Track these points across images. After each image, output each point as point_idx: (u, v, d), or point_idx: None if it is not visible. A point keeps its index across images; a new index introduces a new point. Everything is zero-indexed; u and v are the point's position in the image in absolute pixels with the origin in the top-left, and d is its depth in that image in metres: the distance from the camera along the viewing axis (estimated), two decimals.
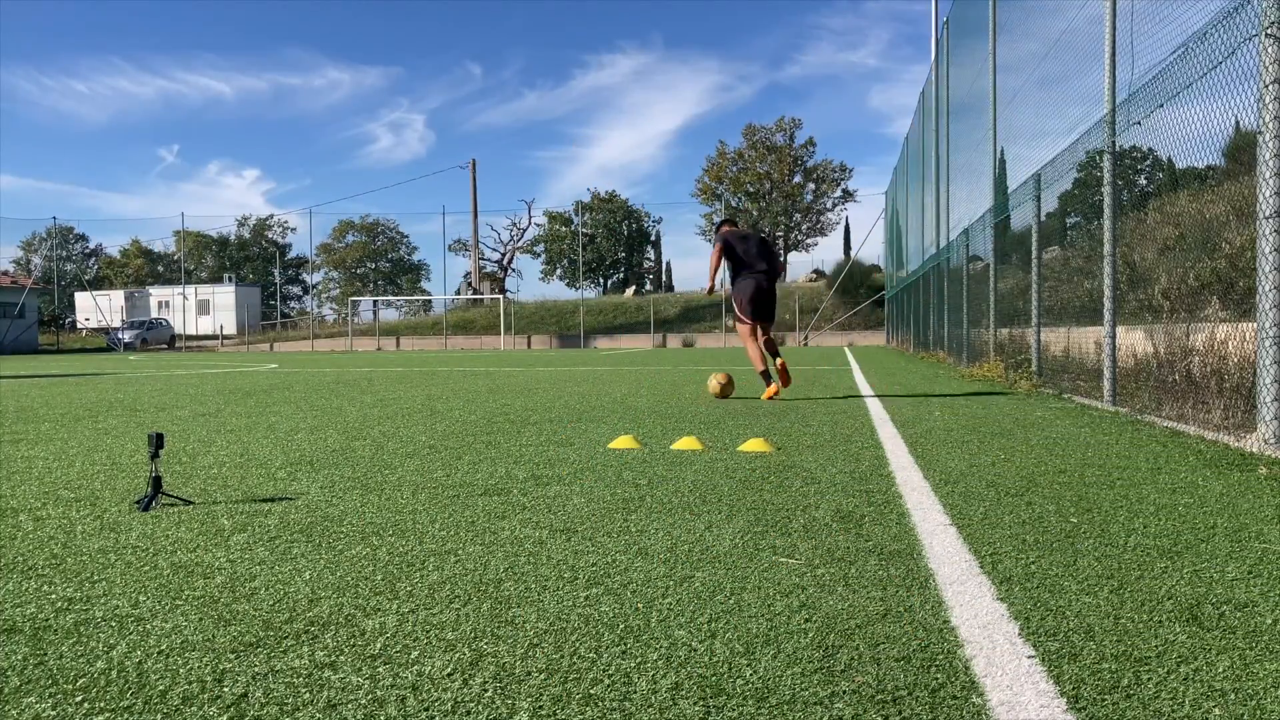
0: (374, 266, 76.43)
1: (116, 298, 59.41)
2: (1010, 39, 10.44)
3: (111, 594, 2.19)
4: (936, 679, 1.62)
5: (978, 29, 12.34)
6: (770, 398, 7.84)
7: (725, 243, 8.27)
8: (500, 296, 51.74)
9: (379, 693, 1.59)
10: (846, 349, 28.32)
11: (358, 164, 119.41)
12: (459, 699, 1.56)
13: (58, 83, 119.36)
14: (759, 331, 8.18)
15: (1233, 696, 1.54)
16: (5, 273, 53.09)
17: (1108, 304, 6.51)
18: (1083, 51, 7.20)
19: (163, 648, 1.82)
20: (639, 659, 1.73)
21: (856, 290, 45.72)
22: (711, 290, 8.34)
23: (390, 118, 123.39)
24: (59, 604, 2.12)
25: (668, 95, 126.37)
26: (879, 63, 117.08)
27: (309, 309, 72.21)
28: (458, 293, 59.05)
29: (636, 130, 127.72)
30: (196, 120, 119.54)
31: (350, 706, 1.54)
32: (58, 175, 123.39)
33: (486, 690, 1.59)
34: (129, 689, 1.61)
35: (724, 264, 8.33)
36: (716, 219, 62.74)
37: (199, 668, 1.71)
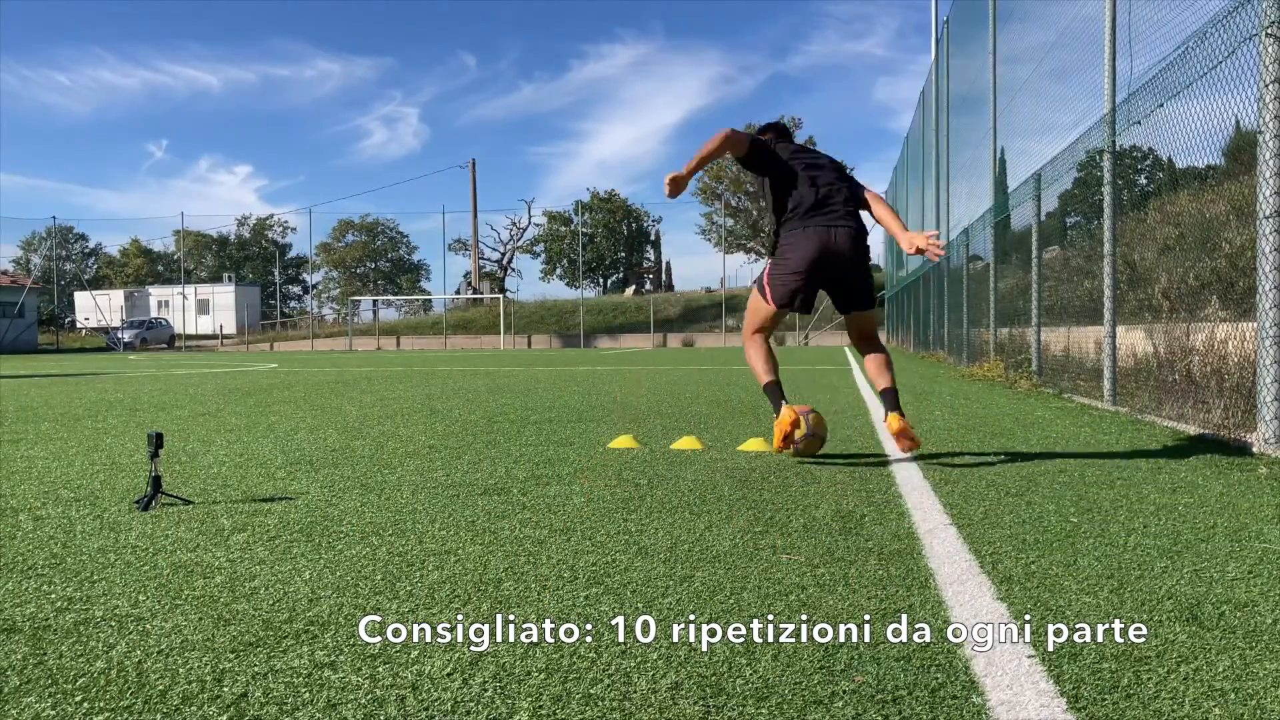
0: (374, 266, 76.41)
1: (116, 297, 59.35)
2: (1011, 34, 10.45)
3: (111, 594, 2.19)
4: (936, 679, 1.62)
5: (978, 24, 12.34)
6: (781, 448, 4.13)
7: (765, 151, 4.56)
8: (500, 296, 51.72)
9: (379, 693, 1.59)
10: (847, 349, 28.28)
11: (351, 160, 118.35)
12: (459, 699, 1.56)
13: (38, 74, 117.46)
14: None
15: (1233, 696, 1.54)
16: (5, 272, 53.05)
17: (1108, 304, 6.52)
18: (1084, 43, 7.19)
19: (163, 648, 1.82)
20: (639, 659, 1.73)
21: None
22: (681, 182, 4.18)
23: (383, 111, 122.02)
24: (59, 604, 2.12)
25: (668, 87, 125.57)
26: (886, 53, 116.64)
27: (309, 309, 72.20)
28: (458, 292, 59.03)
29: (636, 124, 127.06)
30: (184, 113, 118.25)
31: (350, 706, 1.54)
32: (46, 172, 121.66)
33: (486, 690, 1.59)
34: (129, 689, 1.61)
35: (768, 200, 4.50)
36: (717, 219, 61.80)
37: (199, 668, 1.71)
